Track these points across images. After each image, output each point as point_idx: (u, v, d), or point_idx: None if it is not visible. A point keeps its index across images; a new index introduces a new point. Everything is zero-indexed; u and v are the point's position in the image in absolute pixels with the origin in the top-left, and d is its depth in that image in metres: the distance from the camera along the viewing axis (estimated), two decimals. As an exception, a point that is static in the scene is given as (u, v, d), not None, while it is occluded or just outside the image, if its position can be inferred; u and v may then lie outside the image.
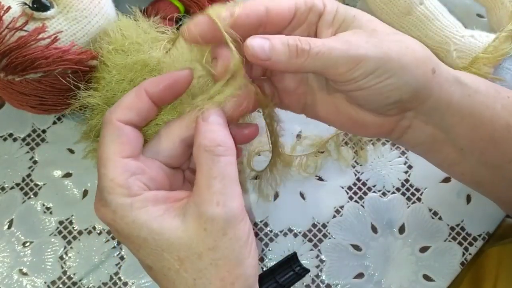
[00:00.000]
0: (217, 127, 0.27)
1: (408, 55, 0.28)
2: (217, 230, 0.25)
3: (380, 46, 0.28)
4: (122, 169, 0.26)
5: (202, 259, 0.26)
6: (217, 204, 0.25)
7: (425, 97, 0.30)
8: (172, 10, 0.47)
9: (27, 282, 0.44)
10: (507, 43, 0.43)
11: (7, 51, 0.37)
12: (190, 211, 0.26)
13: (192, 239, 0.25)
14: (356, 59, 0.27)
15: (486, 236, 0.45)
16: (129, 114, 0.28)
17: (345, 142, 0.47)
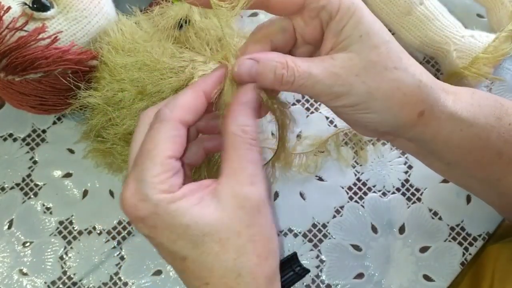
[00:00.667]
0: (250, 112, 0.28)
1: (395, 98, 0.28)
2: (253, 208, 0.27)
3: (369, 83, 0.27)
4: (168, 167, 0.27)
5: (241, 236, 0.27)
6: (251, 184, 0.27)
7: (406, 131, 0.30)
8: (172, 10, 0.47)
9: (27, 282, 0.44)
10: (507, 43, 0.43)
11: (7, 51, 0.37)
12: (225, 193, 0.27)
13: (231, 218, 0.26)
14: (338, 94, 0.28)
15: (486, 236, 0.45)
16: (189, 115, 0.28)
17: (345, 142, 0.47)
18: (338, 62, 0.27)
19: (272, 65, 0.28)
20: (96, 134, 0.41)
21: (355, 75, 0.27)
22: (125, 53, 0.39)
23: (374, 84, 0.27)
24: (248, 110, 0.28)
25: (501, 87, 0.49)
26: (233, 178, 0.27)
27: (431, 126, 0.30)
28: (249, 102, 0.29)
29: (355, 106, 0.28)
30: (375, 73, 0.27)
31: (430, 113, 0.29)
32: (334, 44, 0.28)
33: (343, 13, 0.27)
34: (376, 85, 0.27)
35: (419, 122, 0.29)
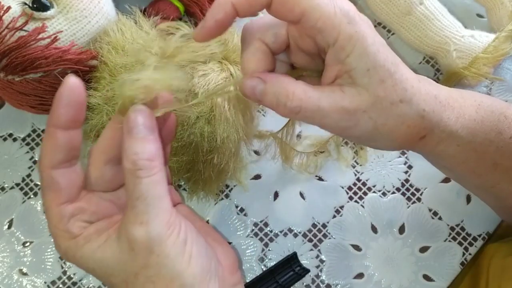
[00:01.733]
0: (139, 144, 0.26)
1: (400, 131, 0.28)
2: (143, 249, 0.26)
3: (376, 119, 0.27)
4: (60, 216, 0.27)
5: (138, 278, 0.26)
6: (140, 224, 0.26)
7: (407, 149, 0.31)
8: (172, 10, 0.47)
9: (27, 282, 0.44)
10: (507, 43, 0.43)
11: (7, 51, 0.37)
12: (122, 232, 0.27)
13: (126, 261, 0.26)
14: (344, 128, 0.28)
15: (486, 236, 0.45)
16: (56, 156, 0.27)
17: (345, 142, 0.47)
18: (348, 96, 0.27)
19: (276, 91, 0.27)
20: (96, 134, 0.41)
21: (363, 111, 0.27)
22: (125, 53, 0.39)
23: (381, 121, 0.27)
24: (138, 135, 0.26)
25: (501, 87, 0.49)
26: (125, 218, 0.26)
27: (428, 146, 0.31)
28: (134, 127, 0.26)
29: (360, 137, 0.29)
30: (381, 109, 0.27)
31: (431, 135, 0.30)
32: (339, 73, 0.27)
33: (344, 43, 0.26)
34: (382, 122, 0.27)
35: (419, 144, 0.30)
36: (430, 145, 0.30)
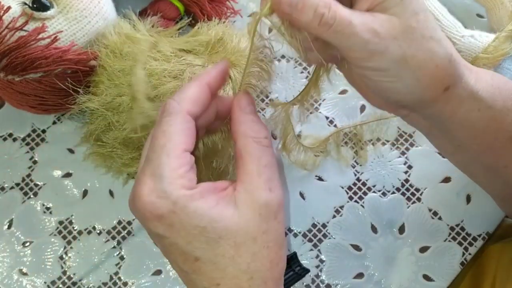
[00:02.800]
0: (256, 117, 0.29)
1: (428, 68, 0.27)
2: (270, 214, 0.27)
3: (405, 48, 0.26)
4: (185, 161, 0.27)
5: (257, 242, 0.27)
6: (270, 190, 0.27)
7: (427, 106, 0.29)
8: (172, 10, 0.47)
9: (27, 282, 0.44)
10: (507, 43, 0.43)
11: (7, 51, 0.37)
12: (242, 198, 0.27)
13: (248, 224, 0.27)
14: (372, 53, 0.26)
15: (486, 236, 0.45)
16: (196, 107, 0.28)
17: (345, 142, 0.47)
18: (378, 20, 0.26)
19: (316, 2, 0.26)
20: (95, 138, 0.41)
21: (393, 37, 0.26)
22: (123, 56, 0.39)
23: (410, 51, 0.26)
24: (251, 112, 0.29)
25: (501, 87, 0.49)
26: (250, 184, 0.27)
27: (451, 103, 0.29)
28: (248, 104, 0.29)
29: (386, 71, 0.27)
30: (412, 39, 0.26)
31: (454, 89, 0.29)
32: (371, 4, 0.26)
33: None
34: (411, 52, 0.26)
35: (442, 97, 0.29)
36: (452, 103, 0.29)
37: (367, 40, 0.26)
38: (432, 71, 0.27)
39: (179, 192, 0.26)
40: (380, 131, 0.48)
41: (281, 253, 0.28)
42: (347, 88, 0.50)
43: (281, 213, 0.28)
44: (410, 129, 0.48)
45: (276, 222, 0.28)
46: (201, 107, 0.29)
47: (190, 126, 0.28)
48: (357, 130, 0.47)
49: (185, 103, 0.28)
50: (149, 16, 0.45)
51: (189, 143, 0.27)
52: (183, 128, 0.27)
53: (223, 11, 0.49)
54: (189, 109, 0.28)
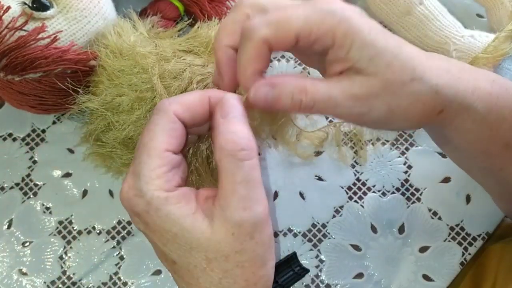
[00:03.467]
0: (238, 126, 0.26)
1: (416, 109, 0.28)
2: (245, 235, 0.26)
3: (389, 102, 0.27)
4: (165, 161, 0.26)
5: (229, 261, 0.26)
6: (243, 209, 0.25)
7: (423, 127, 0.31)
8: (172, 10, 0.47)
9: (26, 282, 0.44)
10: (507, 43, 0.43)
11: (7, 50, 0.37)
12: (217, 215, 0.26)
13: (220, 242, 0.26)
14: (359, 115, 0.27)
15: (486, 236, 0.45)
16: (186, 113, 0.27)
17: (344, 142, 0.47)
18: (357, 83, 0.27)
19: (289, 90, 0.26)
20: (95, 138, 0.41)
21: (375, 96, 0.27)
22: (123, 56, 0.39)
23: (395, 102, 0.27)
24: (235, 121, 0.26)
25: (501, 87, 0.49)
26: (224, 201, 0.26)
27: (446, 120, 0.30)
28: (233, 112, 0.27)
29: (377, 122, 0.28)
30: (393, 91, 0.27)
31: (448, 109, 0.29)
32: (343, 69, 0.27)
33: (341, 42, 0.26)
34: (396, 103, 0.27)
35: (437, 118, 0.29)
36: (448, 119, 0.30)
37: (350, 106, 0.27)
38: (420, 109, 0.28)
39: (154, 193, 0.25)
40: (379, 131, 0.48)
41: (261, 273, 0.27)
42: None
43: (260, 232, 0.26)
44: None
45: (253, 242, 0.26)
46: (192, 116, 0.28)
47: (177, 127, 0.27)
48: (357, 130, 0.47)
49: (176, 105, 0.27)
50: (149, 16, 0.44)
51: (173, 143, 0.27)
52: (168, 128, 0.26)
53: (223, 11, 0.49)
54: (176, 110, 0.27)
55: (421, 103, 0.28)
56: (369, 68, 0.26)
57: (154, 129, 0.27)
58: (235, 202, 0.25)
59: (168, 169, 0.26)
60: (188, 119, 0.28)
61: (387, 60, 0.26)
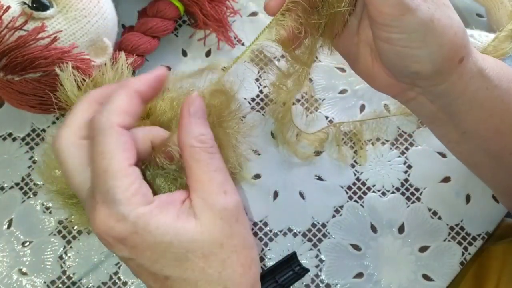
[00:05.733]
0: (204, 125, 0.28)
1: (449, 37, 0.28)
2: (231, 217, 0.27)
3: (433, 12, 0.27)
4: (133, 177, 0.25)
5: (224, 248, 0.26)
6: (224, 193, 0.27)
7: (441, 81, 0.30)
8: (171, 10, 0.47)
9: (26, 281, 0.44)
10: (507, 42, 0.43)
11: (7, 50, 0.37)
12: (199, 207, 0.26)
13: (212, 232, 0.26)
14: (405, 8, 0.26)
15: (486, 236, 0.45)
16: (127, 118, 0.26)
17: (344, 142, 0.47)
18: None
19: None
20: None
21: None
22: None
23: (437, 14, 0.27)
24: (199, 119, 0.28)
25: (501, 87, 0.49)
26: (203, 191, 0.26)
27: (463, 78, 0.29)
28: (197, 111, 0.28)
29: (413, 34, 0.27)
30: (437, 4, 0.27)
31: (466, 63, 0.29)
32: None
33: None
34: (438, 16, 0.27)
35: (456, 70, 0.29)
36: (464, 79, 0.30)
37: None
38: (452, 37, 0.28)
39: (137, 211, 0.25)
40: (379, 130, 0.48)
41: (252, 256, 0.28)
42: (346, 88, 0.50)
43: (242, 215, 0.28)
44: (410, 129, 0.48)
45: (239, 224, 0.27)
46: (132, 117, 0.27)
47: (126, 139, 0.26)
48: (357, 130, 0.47)
49: (115, 117, 0.26)
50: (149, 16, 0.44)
51: (130, 157, 0.26)
52: (121, 143, 0.25)
53: (222, 10, 0.49)
54: (119, 122, 0.26)
55: (453, 31, 0.28)
56: None
57: (107, 150, 0.25)
58: (215, 188, 0.26)
59: (139, 184, 0.25)
60: (131, 122, 0.27)
61: None
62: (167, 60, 0.50)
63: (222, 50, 0.51)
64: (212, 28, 0.49)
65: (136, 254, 0.26)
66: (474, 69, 0.30)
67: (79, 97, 0.38)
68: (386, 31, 0.27)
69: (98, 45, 0.42)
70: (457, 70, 0.29)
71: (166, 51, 0.50)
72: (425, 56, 0.28)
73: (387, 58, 0.30)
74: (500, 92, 0.31)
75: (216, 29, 0.49)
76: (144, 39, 0.46)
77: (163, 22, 0.47)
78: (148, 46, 0.46)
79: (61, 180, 0.37)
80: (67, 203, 0.39)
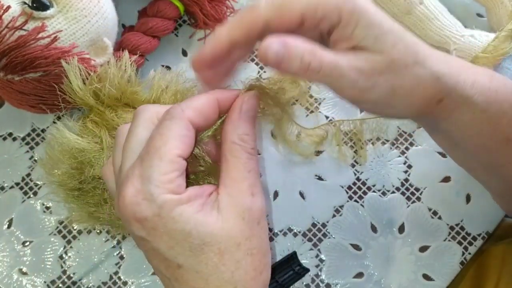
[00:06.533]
0: (252, 125, 0.29)
1: (417, 93, 0.28)
2: (253, 220, 0.27)
3: (392, 81, 0.27)
4: (177, 167, 0.26)
5: (240, 249, 0.26)
6: (252, 195, 0.27)
7: (423, 117, 0.31)
8: (172, 10, 0.47)
9: (26, 281, 0.44)
10: (507, 42, 0.43)
11: (7, 50, 0.37)
12: (225, 203, 0.27)
13: (231, 229, 0.26)
14: (362, 90, 0.27)
15: (486, 236, 0.45)
16: (199, 118, 0.28)
17: (344, 142, 0.47)
18: (362, 58, 0.27)
19: (300, 51, 0.26)
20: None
21: (379, 73, 0.27)
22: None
23: (398, 82, 0.27)
24: (248, 119, 0.28)
25: (501, 87, 0.49)
26: (233, 188, 0.27)
27: (446, 110, 0.30)
28: (250, 110, 0.29)
29: (378, 102, 0.28)
30: (397, 71, 0.27)
31: (448, 99, 0.29)
32: (348, 47, 0.27)
33: (347, 20, 0.26)
34: (399, 83, 0.27)
35: (437, 107, 0.29)
36: (447, 111, 0.30)
37: (355, 79, 0.27)
38: (421, 94, 0.28)
39: (166, 196, 0.25)
40: (379, 130, 0.48)
41: (265, 261, 0.28)
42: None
43: (264, 220, 0.28)
44: (410, 129, 0.48)
45: (259, 228, 0.27)
46: (206, 121, 0.28)
47: (190, 134, 0.27)
48: (357, 129, 0.47)
49: (190, 111, 0.27)
50: (149, 16, 0.44)
51: (184, 149, 0.27)
52: (182, 135, 0.27)
53: (222, 10, 0.49)
54: (191, 118, 0.27)
55: (422, 87, 0.28)
56: (375, 46, 0.27)
57: (167, 134, 0.27)
58: (245, 188, 0.27)
59: (179, 174, 0.26)
60: (201, 124, 0.28)
61: (392, 40, 0.27)
62: (167, 60, 0.50)
63: (222, 50, 0.51)
64: (212, 28, 0.49)
65: (153, 237, 0.26)
66: (459, 100, 0.30)
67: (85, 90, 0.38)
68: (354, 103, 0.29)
69: (98, 45, 0.42)
70: (438, 108, 0.30)
71: (166, 51, 0.50)
72: (396, 113, 0.30)
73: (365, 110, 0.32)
74: (488, 115, 0.31)
75: (216, 29, 0.49)
76: (144, 39, 0.46)
77: (163, 22, 0.47)
78: (148, 46, 0.46)
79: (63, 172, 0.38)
80: (69, 195, 0.39)
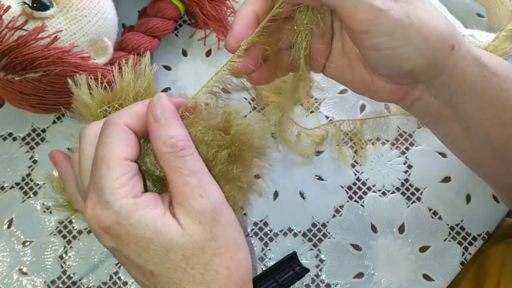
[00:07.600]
0: (173, 129, 0.27)
1: (431, 27, 0.28)
2: (211, 220, 0.26)
3: (407, 9, 0.27)
4: (126, 170, 0.26)
5: (205, 251, 0.26)
6: (200, 197, 0.26)
7: (439, 71, 0.29)
8: (172, 10, 0.47)
9: (26, 281, 0.44)
10: (507, 42, 0.43)
11: (7, 50, 0.37)
12: (179, 212, 0.26)
13: (192, 235, 0.26)
14: (377, 11, 0.26)
15: (486, 236, 0.45)
16: (136, 122, 0.28)
17: (344, 142, 0.47)
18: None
19: None
20: None
21: None
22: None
23: (411, 10, 0.27)
24: (167, 120, 0.27)
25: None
26: (180, 197, 0.26)
27: (459, 65, 0.29)
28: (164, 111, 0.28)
29: (393, 34, 0.27)
30: (411, 2, 0.27)
31: (459, 50, 0.29)
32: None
33: None
34: (413, 11, 0.27)
35: (450, 56, 0.29)
36: (460, 69, 0.29)
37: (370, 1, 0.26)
38: (435, 27, 0.28)
39: (122, 201, 0.25)
40: (380, 130, 0.48)
41: (239, 257, 0.27)
42: (346, 88, 0.49)
43: (224, 215, 0.27)
44: (410, 129, 0.48)
45: (221, 226, 0.27)
46: (142, 125, 0.28)
47: (130, 137, 0.27)
48: (357, 129, 0.47)
49: (125, 117, 0.28)
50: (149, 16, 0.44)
51: (129, 152, 0.27)
52: (122, 138, 0.27)
53: (223, 10, 0.49)
54: (128, 122, 0.28)
55: (435, 22, 0.28)
56: None
57: (108, 141, 0.27)
58: (190, 193, 0.26)
59: (131, 176, 0.26)
60: (138, 128, 0.28)
61: None
62: (167, 60, 0.50)
63: (222, 50, 0.51)
64: (212, 28, 0.49)
65: (121, 245, 0.26)
66: (468, 56, 0.30)
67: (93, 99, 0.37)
68: (368, 38, 0.28)
69: (99, 45, 0.42)
70: (451, 58, 0.29)
71: (166, 51, 0.50)
72: (413, 51, 0.28)
73: (380, 65, 0.30)
74: (499, 80, 0.31)
75: (217, 29, 0.49)
76: (145, 38, 0.46)
77: (163, 22, 0.47)
78: (148, 46, 0.46)
79: None
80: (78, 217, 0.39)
